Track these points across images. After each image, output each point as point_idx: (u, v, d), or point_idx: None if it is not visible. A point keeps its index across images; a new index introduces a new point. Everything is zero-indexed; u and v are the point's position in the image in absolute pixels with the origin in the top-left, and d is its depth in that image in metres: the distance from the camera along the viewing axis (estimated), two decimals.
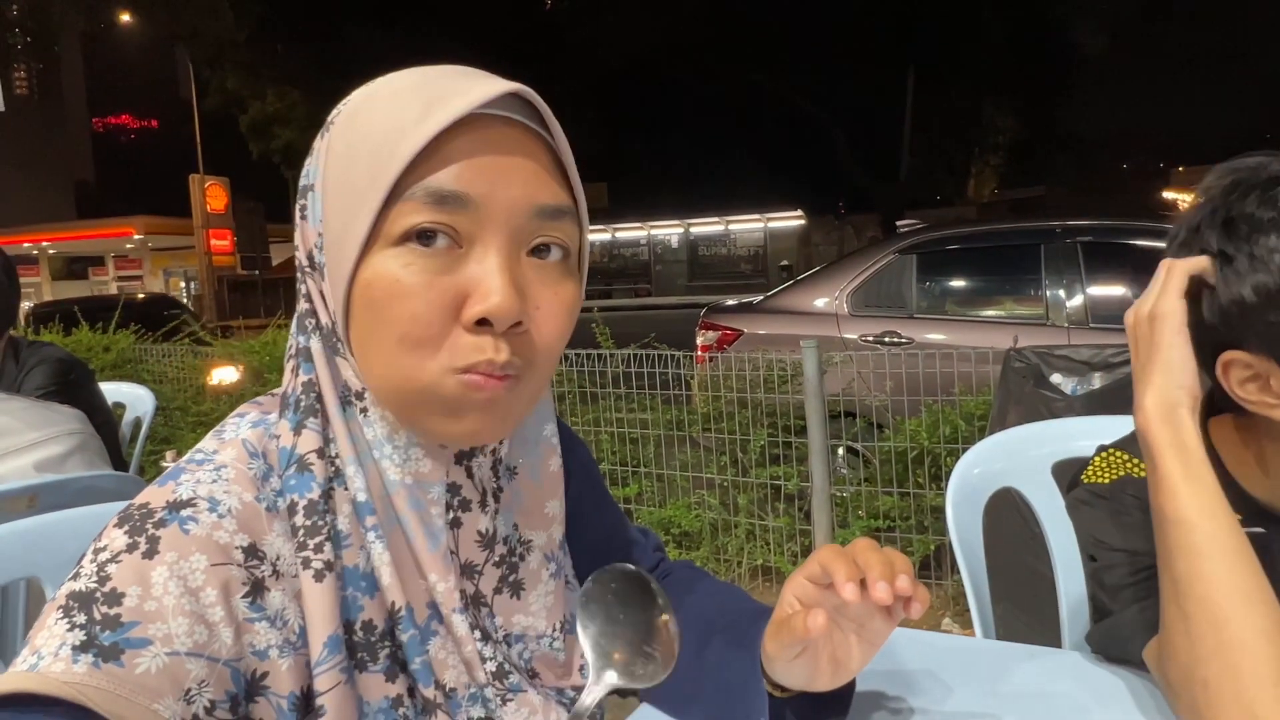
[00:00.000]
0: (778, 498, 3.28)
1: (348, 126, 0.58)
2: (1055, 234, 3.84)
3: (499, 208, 0.56)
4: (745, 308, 4.58)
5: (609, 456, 3.53)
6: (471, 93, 0.55)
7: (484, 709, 0.63)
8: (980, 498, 1.28)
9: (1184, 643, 0.70)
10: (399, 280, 0.55)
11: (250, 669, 0.54)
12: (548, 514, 0.71)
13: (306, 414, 0.59)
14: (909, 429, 2.99)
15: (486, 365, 0.56)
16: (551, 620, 0.70)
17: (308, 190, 0.60)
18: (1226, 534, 0.70)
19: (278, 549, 0.57)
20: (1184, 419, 0.74)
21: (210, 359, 4.73)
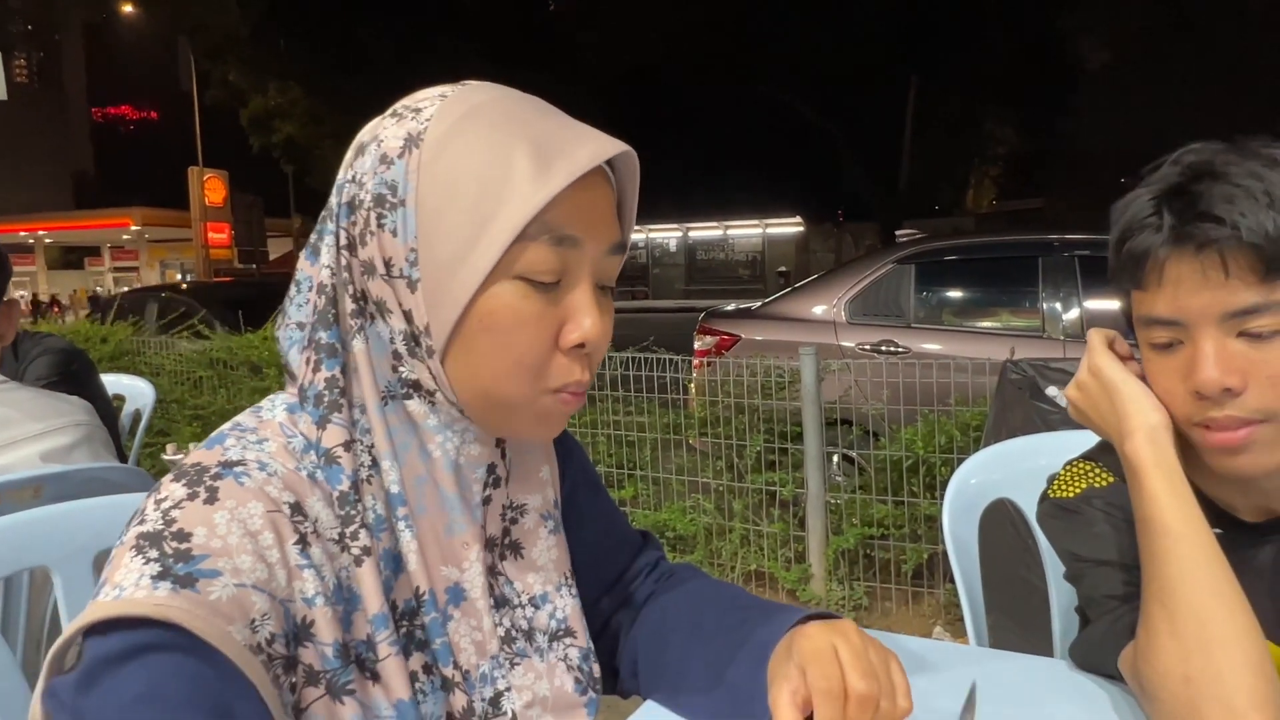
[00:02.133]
0: (773, 503, 3.30)
1: (445, 151, 0.61)
2: (1053, 247, 3.87)
3: (593, 247, 0.64)
4: (743, 313, 4.60)
5: (605, 459, 3.55)
6: (589, 144, 0.62)
7: (498, 678, 0.68)
8: (976, 508, 1.29)
9: (1169, 643, 0.73)
10: (520, 312, 0.61)
11: (300, 614, 0.58)
12: (542, 478, 0.77)
13: (331, 410, 0.63)
14: (904, 438, 3.01)
15: (576, 385, 0.65)
16: (560, 569, 0.76)
17: (387, 201, 0.62)
18: (1207, 542, 0.75)
19: (317, 512, 0.61)
20: (1164, 440, 0.80)
21: (209, 352, 4.73)
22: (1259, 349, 0.75)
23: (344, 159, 0.67)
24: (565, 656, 0.74)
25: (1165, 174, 0.80)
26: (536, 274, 0.61)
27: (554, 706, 0.72)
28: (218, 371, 4.68)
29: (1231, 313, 0.75)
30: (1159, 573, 0.76)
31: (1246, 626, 0.72)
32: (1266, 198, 0.73)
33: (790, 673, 0.64)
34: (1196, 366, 0.77)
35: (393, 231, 0.62)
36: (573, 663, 0.74)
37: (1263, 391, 0.76)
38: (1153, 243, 0.77)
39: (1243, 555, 0.85)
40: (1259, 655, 0.71)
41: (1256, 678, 0.69)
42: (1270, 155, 0.75)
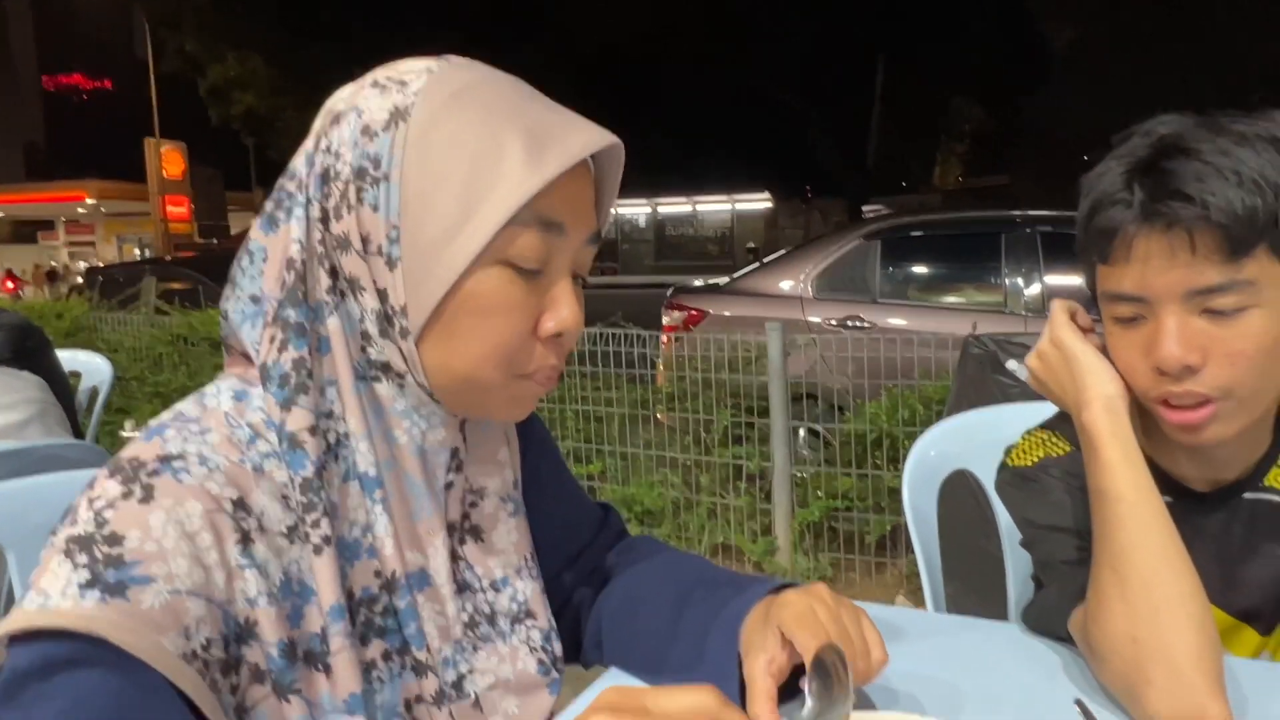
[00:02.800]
0: (739, 477, 3.33)
1: (436, 129, 0.60)
2: (1015, 223, 3.92)
3: (577, 234, 0.64)
4: (711, 289, 4.62)
5: (573, 434, 3.55)
6: (581, 134, 0.62)
7: (460, 662, 0.68)
8: (936, 479, 1.32)
9: (1118, 606, 0.75)
10: (504, 297, 0.61)
11: (242, 615, 0.57)
12: (500, 460, 0.76)
13: (297, 391, 0.60)
14: (869, 412, 3.06)
15: (550, 370, 0.66)
16: (521, 552, 0.75)
17: (369, 175, 0.60)
18: (1158, 510, 0.78)
19: (263, 505, 0.59)
20: (1120, 410, 0.82)
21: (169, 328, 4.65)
22: (1221, 326, 0.77)
23: (314, 126, 0.64)
24: (528, 639, 0.74)
25: (1136, 146, 0.80)
26: (523, 260, 0.61)
27: (516, 688, 0.72)
28: (178, 348, 4.60)
29: (1196, 290, 0.76)
30: (1111, 539, 0.78)
31: (1192, 590, 0.74)
32: (1235, 176, 0.73)
33: (766, 643, 0.66)
34: (1158, 343, 0.78)
35: (373, 206, 0.60)
36: (535, 644, 0.74)
37: (1221, 368, 0.77)
38: (1123, 219, 0.78)
39: (1192, 523, 0.88)
40: (1203, 618, 0.73)
41: (1200, 639, 0.72)
42: (1239, 132, 0.76)
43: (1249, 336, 0.77)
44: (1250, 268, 0.75)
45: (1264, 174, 0.73)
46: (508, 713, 0.71)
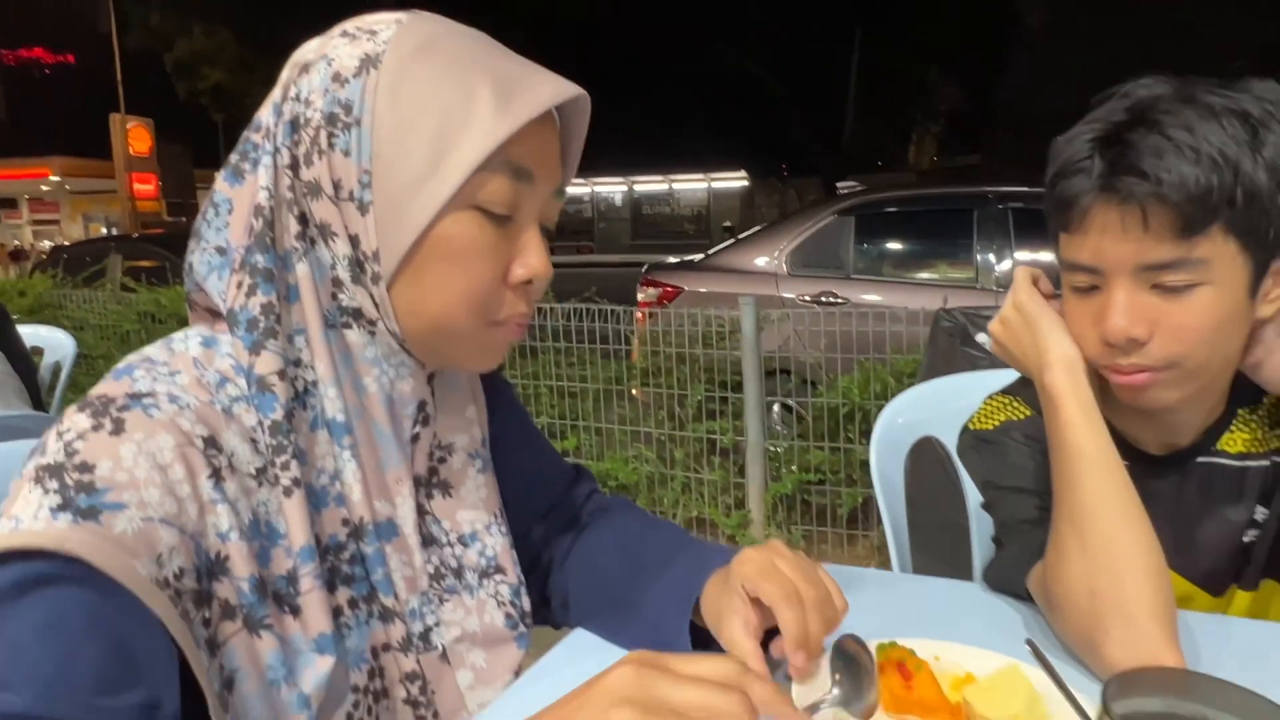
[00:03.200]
0: (713, 451, 3.35)
1: (407, 76, 0.61)
2: (987, 199, 3.95)
3: (544, 184, 0.66)
4: (686, 265, 4.61)
5: (548, 410, 3.55)
6: (549, 83, 0.64)
7: (427, 614, 0.69)
8: (903, 446, 1.33)
9: (1078, 560, 0.77)
10: (475, 241, 0.62)
11: (213, 549, 0.57)
12: (468, 417, 0.76)
13: (266, 336, 0.61)
14: (841, 386, 3.08)
15: (520, 317, 0.67)
16: (490, 508, 0.76)
17: (340, 121, 0.61)
18: (1116, 467, 0.80)
19: (233, 446, 0.59)
20: (1080, 371, 0.84)
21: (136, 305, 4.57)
22: (1170, 301, 0.78)
23: (280, 79, 0.64)
24: (496, 593, 0.74)
25: (1109, 111, 0.80)
26: (493, 205, 0.62)
27: (484, 640, 0.72)
28: (145, 325, 4.53)
29: (1147, 265, 0.77)
30: (1071, 494, 0.79)
31: (1149, 545, 0.76)
32: (1194, 153, 0.73)
33: (736, 605, 0.67)
34: (1107, 314, 0.80)
35: (345, 152, 0.61)
36: (503, 599, 0.74)
37: (1168, 343, 0.79)
38: (1081, 188, 0.78)
39: (1147, 486, 0.89)
40: (1159, 571, 0.75)
41: (1156, 591, 0.73)
42: (1209, 104, 0.75)
43: (1197, 313, 0.78)
44: (1203, 246, 0.75)
45: (1225, 151, 0.73)
46: (475, 665, 0.71)
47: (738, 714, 0.44)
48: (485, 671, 0.72)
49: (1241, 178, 0.73)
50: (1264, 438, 0.91)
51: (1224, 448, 0.91)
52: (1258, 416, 0.92)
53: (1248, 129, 0.74)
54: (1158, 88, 0.79)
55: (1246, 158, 0.73)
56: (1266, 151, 0.74)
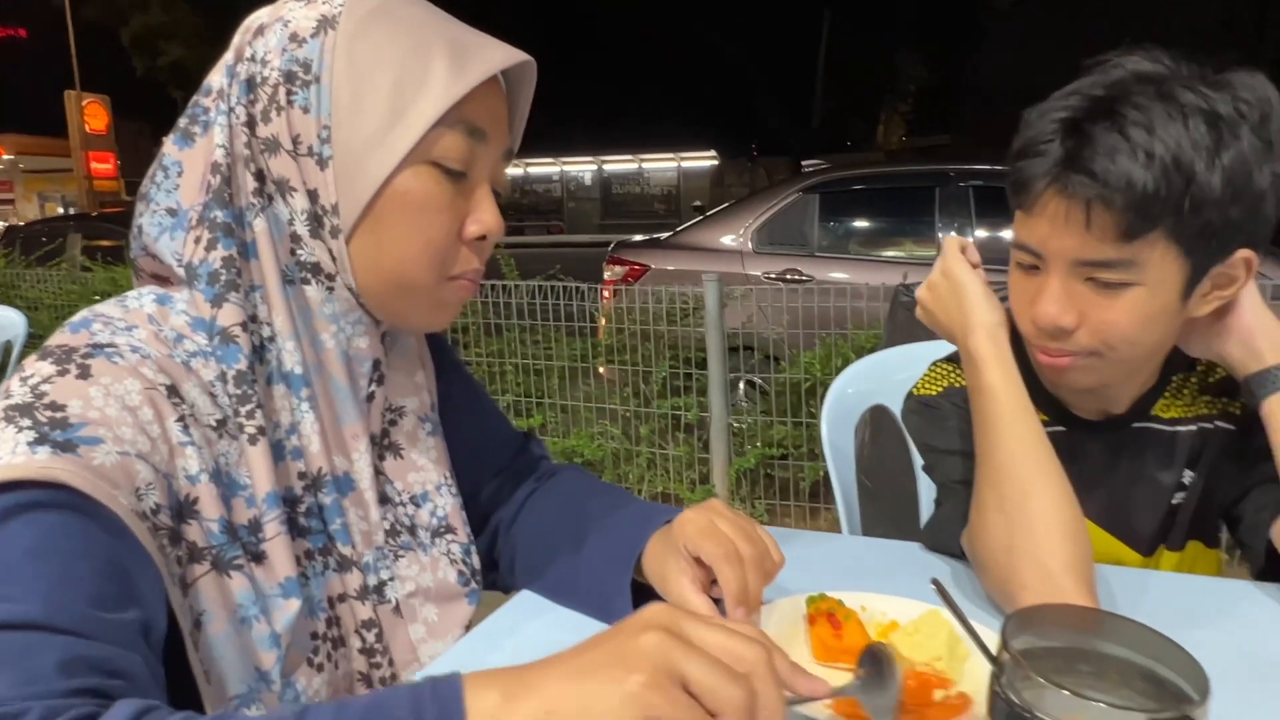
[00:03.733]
0: (678, 428, 3.38)
1: (365, 35, 0.63)
2: (949, 178, 3.99)
3: (495, 146, 0.68)
4: (653, 243, 4.61)
5: (513, 388, 3.55)
6: (499, 49, 0.67)
7: (381, 569, 0.71)
8: (853, 415, 1.37)
9: (997, 518, 0.80)
10: (432, 196, 0.65)
11: (183, 491, 0.58)
12: (417, 382, 0.78)
13: (228, 289, 0.62)
14: (804, 361, 3.11)
15: (474, 273, 0.70)
16: (440, 469, 0.78)
17: (298, 78, 0.63)
18: (1034, 428, 0.83)
19: (193, 398, 0.60)
20: (1002, 337, 0.86)
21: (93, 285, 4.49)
22: (1103, 296, 0.80)
23: (232, 43, 0.66)
24: (448, 551, 0.76)
25: (1090, 84, 0.79)
26: (449, 161, 0.65)
27: (436, 596, 0.74)
28: None
29: (1085, 261, 0.79)
30: (991, 456, 0.82)
31: (1064, 500, 0.79)
32: (1147, 158, 0.73)
33: (681, 565, 0.70)
34: (1039, 300, 0.82)
35: (304, 108, 0.63)
36: (455, 556, 0.76)
37: (1093, 335, 0.82)
38: (1036, 173, 0.79)
39: (1083, 450, 0.93)
40: (1074, 526, 0.78)
41: (1070, 545, 0.77)
42: (1181, 103, 0.74)
43: (1125, 311, 0.80)
44: (1141, 249, 0.77)
45: (1180, 156, 0.73)
46: (427, 620, 0.73)
47: (763, 660, 0.44)
48: (437, 626, 0.74)
49: (1193, 186, 0.73)
50: (1195, 404, 0.95)
51: (1158, 414, 0.95)
52: (1190, 384, 0.95)
53: (1213, 133, 0.73)
54: (1144, 66, 0.78)
55: (1203, 164, 0.73)
56: (1226, 157, 0.73)
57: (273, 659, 0.60)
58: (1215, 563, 0.99)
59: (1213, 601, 0.82)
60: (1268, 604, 0.81)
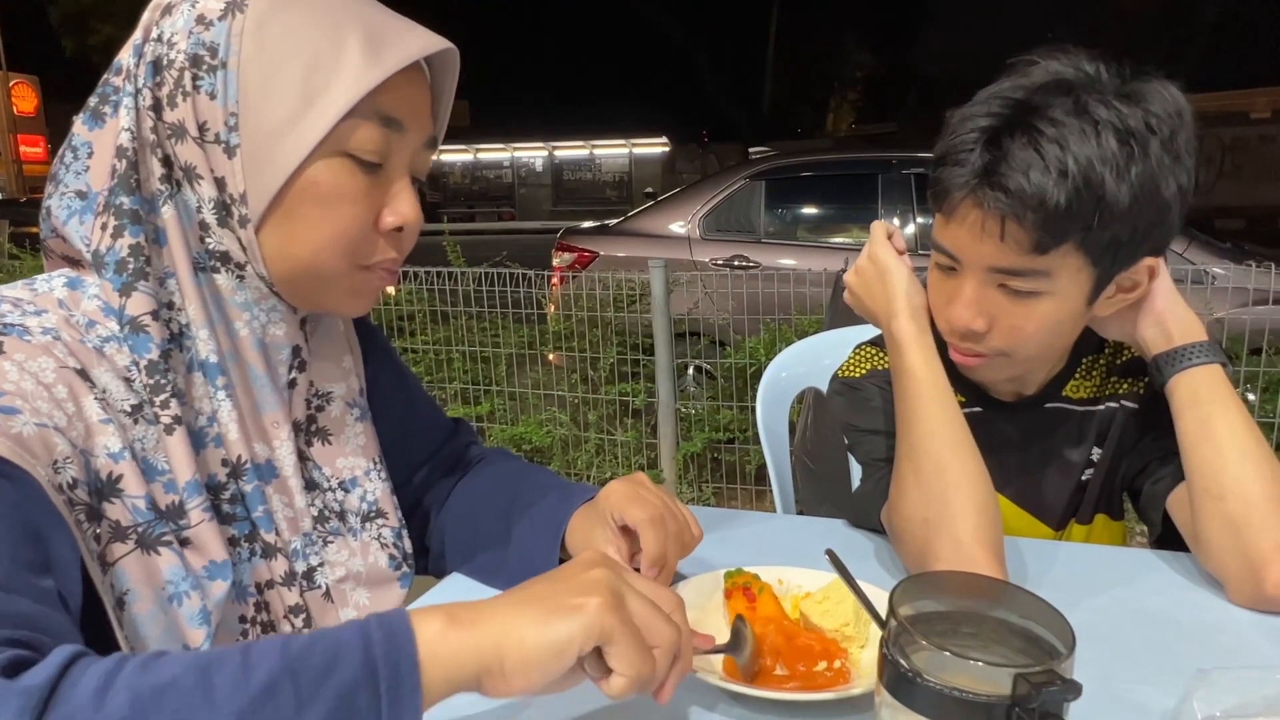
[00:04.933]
0: (626, 413, 3.40)
1: (275, 19, 0.61)
2: (891, 165, 4.07)
3: (413, 136, 0.67)
4: (602, 230, 4.62)
5: (460, 376, 3.54)
6: (418, 36, 0.65)
7: (310, 555, 0.71)
8: (786, 397, 1.40)
9: (914, 491, 0.83)
10: (344, 187, 0.63)
11: (105, 469, 0.57)
12: (344, 367, 0.78)
13: (137, 277, 0.61)
14: (749, 346, 3.16)
15: (390, 263, 0.69)
16: (369, 455, 0.78)
17: (205, 63, 0.61)
18: (951, 407, 0.86)
19: (105, 382, 0.59)
20: (924, 321, 0.90)
21: (20, 274, 4.33)
22: (1014, 302, 0.84)
23: (141, 20, 0.64)
24: (379, 535, 0.76)
25: (1010, 88, 0.81)
26: (363, 152, 0.63)
27: (368, 580, 0.75)
28: None
29: (998, 269, 0.82)
30: (910, 432, 0.86)
31: (977, 476, 0.83)
32: (1060, 175, 0.75)
33: (607, 534, 0.73)
34: (953, 303, 0.86)
35: (210, 94, 0.61)
36: (386, 541, 0.77)
37: (1002, 338, 0.86)
38: (955, 182, 0.82)
39: (998, 429, 0.97)
40: (986, 499, 0.82)
41: (982, 517, 0.80)
42: (1095, 118, 0.76)
43: (1034, 318, 0.84)
44: (1052, 260, 0.80)
45: (1090, 174, 0.75)
46: (359, 604, 0.74)
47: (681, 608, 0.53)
48: (368, 610, 0.74)
49: (1102, 202, 0.76)
50: (1103, 385, 0.99)
51: (1069, 394, 0.99)
52: (1099, 365, 1.00)
53: (1124, 149, 0.76)
54: (1063, 72, 0.80)
55: (1112, 179, 0.76)
56: (1135, 172, 0.76)
57: (201, 636, 0.60)
58: (1121, 534, 1.04)
59: (1114, 569, 0.87)
60: (1164, 569, 0.86)
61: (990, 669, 0.43)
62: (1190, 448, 0.83)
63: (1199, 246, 3.66)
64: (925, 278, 0.94)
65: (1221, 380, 0.84)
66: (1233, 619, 0.77)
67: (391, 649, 0.45)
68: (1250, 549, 0.77)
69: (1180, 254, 3.54)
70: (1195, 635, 0.74)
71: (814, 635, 0.67)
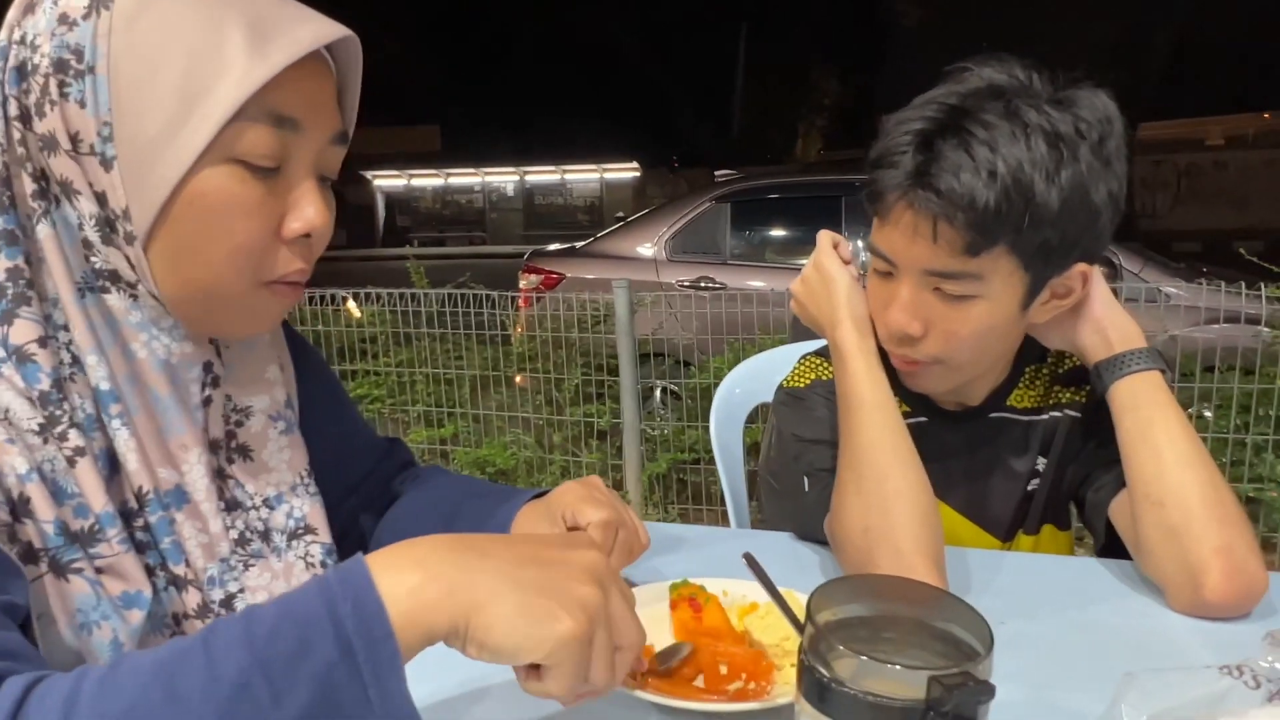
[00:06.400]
0: (591, 435, 3.38)
1: (144, 15, 0.56)
2: (854, 188, 4.11)
3: (315, 134, 0.61)
4: (569, 252, 4.63)
5: (424, 398, 3.50)
6: (309, 25, 0.59)
7: (229, 581, 0.67)
8: (740, 413, 1.39)
9: (855, 499, 0.83)
10: (236, 197, 0.58)
11: (14, 490, 0.54)
12: (268, 379, 0.74)
13: (17, 303, 0.57)
14: (713, 366, 3.16)
15: (297, 274, 0.63)
16: (295, 469, 0.74)
17: (70, 68, 0.56)
18: (893, 416, 0.86)
19: (7, 401, 0.56)
20: (868, 329, 0.91)
21: None
22: (948, 306, 0.84)
23: (6, 18, 0.59)
24: (306, 554, 0.73)
25: (944, 94, 0.82)
26: (255, 157, 0.58)
27: None
28: None
29: (931, 271, 0.83)
30: (852, 440, 0.86)
31: (918, 484, 0.83)
32: (990, 177, 0.76)
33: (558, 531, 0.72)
34: (889, 307, 0.86)
35: (79, 102, 0.56)
36: (314, 559, 0.73)
37: (937, 343, 0.86)
38: (889, 185, 0.82)
39: (943, 440, 0.97)
40: (927, 509, 0.82)
41: (922, 527, 0.80)
42: (1025, 122, 0.77)
43: (969, 322, 0.85)
44: (984, 263, 0.80)
45: (1020, 175, 0.76)
46: None
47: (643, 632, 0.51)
48: None
49: (1032, 204, 0.77)
50: (1046, 394, 1.00)
51: (1012, 404, 0.99)
52: (1041, 375, 1.00)
53: (1054, 153, 0.77)
54: (996, 78, 0.81)
55: (1042, 182, 0.77)
56: (1064, 176, 0.77)
57: None
58: (1068, 544, 1.04)
59: (1056, 577, 0.87)
60: (1107, 578, 0.86)
61: (906, 672, 0.42)
62: (1130, 453, 0.83)
63: (1154, 267, 3.74)
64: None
65: (1161, 386, 0.85)
66: (1169, 625, 0.77)
67: (362, 620, 0.42)
68: (1189, 555, 0.77)
69: (1136, 274, 3.61)
70: (1131, 641, 0.74)
71: (747, 651, 0.66)
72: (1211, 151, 17.75)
